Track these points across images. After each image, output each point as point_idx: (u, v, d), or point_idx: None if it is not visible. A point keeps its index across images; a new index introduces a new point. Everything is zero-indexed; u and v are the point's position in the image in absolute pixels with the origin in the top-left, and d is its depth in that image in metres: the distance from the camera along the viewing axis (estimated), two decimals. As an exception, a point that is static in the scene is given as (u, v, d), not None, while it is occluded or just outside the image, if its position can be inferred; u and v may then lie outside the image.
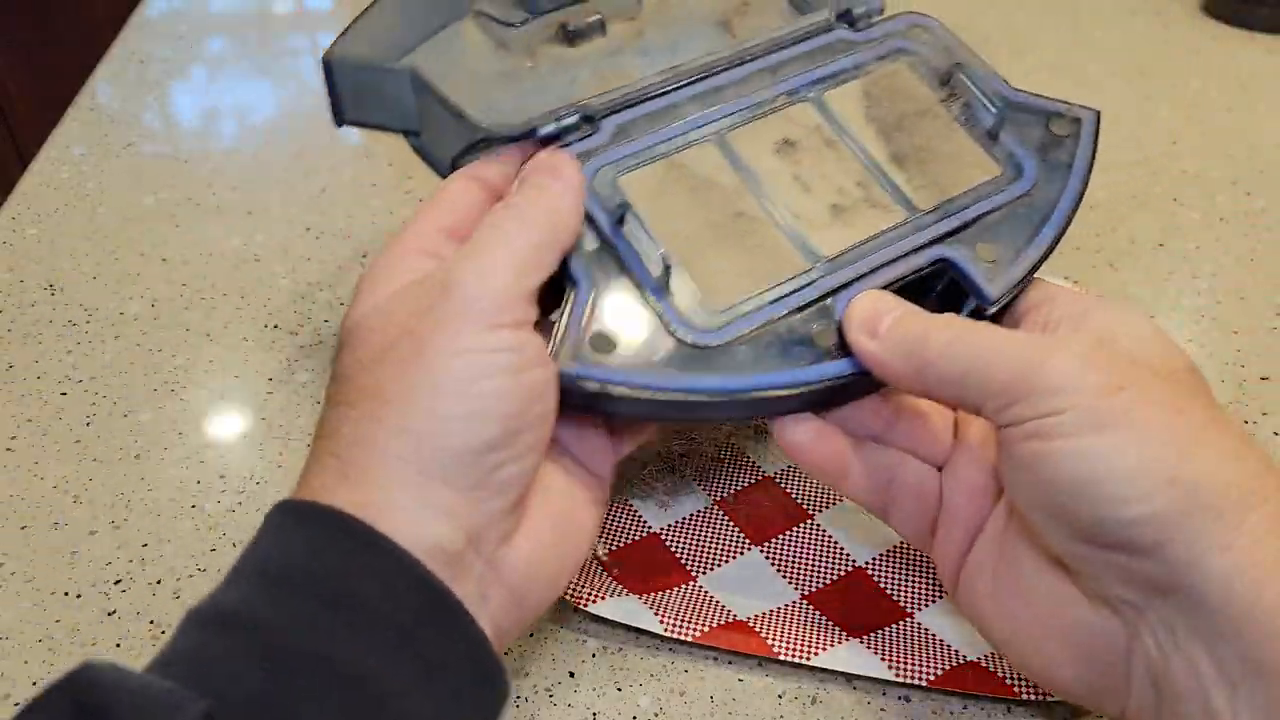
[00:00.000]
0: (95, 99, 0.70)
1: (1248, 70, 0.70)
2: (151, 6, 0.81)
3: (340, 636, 0.26)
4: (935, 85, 0.40)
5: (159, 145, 0.65)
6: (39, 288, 0.53)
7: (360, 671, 0.26)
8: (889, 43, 0.41)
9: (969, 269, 0.35)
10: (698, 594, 0.38)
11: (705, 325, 0.34)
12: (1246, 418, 0.45)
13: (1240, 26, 0.75)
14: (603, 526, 0.40)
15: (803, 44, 0.40)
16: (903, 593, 0.38)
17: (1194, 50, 0.72)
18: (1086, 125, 0.39)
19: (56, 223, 0.58)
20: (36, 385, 0.47)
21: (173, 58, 0.74)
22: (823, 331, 0.34)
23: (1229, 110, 0.66)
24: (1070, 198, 0.37)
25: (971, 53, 0.41)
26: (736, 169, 0.37)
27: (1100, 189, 0.59)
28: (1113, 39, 0.74)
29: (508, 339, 0.29)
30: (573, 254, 0.34)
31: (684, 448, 0.43)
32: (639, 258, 0.34)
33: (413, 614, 0.27)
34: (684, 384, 0.32)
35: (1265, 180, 0.60)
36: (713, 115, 0.38)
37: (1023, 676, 0.34)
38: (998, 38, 0.75)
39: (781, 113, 0.38)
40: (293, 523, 0.28)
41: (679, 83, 0.38)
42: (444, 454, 0.28)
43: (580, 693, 0.36)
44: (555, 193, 0.33)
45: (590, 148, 0.36)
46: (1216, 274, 0.53)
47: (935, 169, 0.38)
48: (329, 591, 0.26)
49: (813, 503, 0.42)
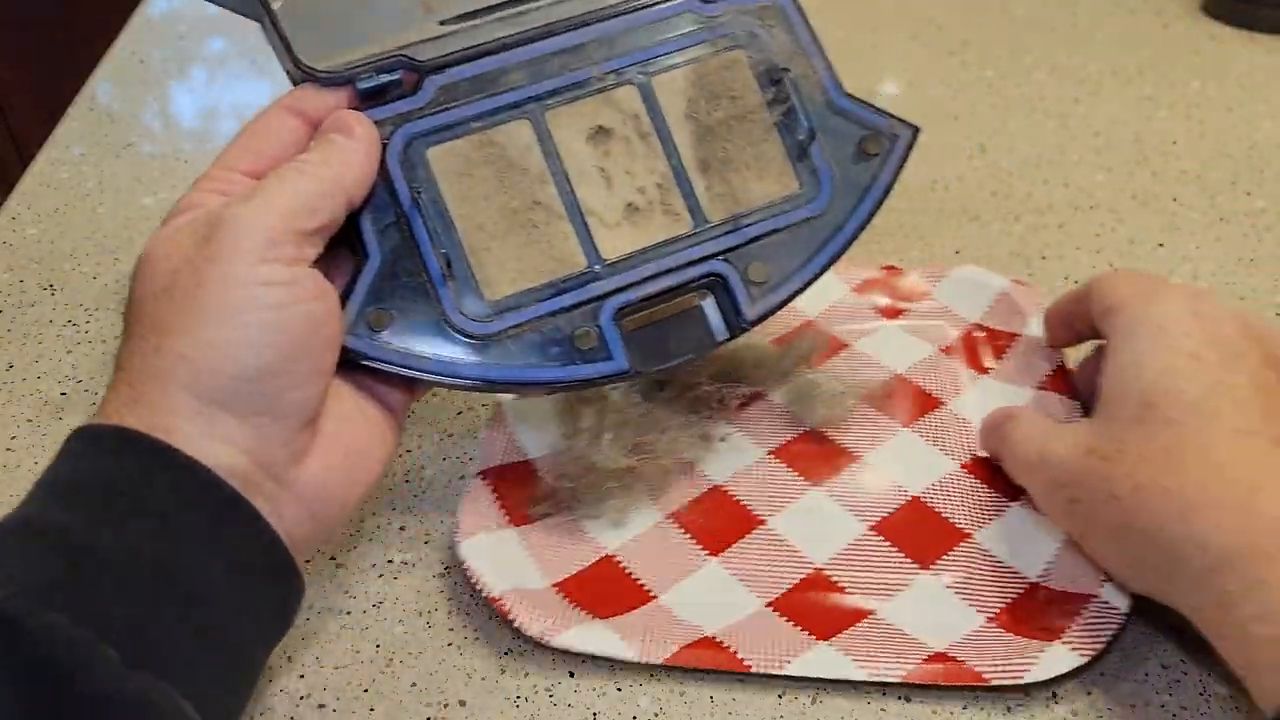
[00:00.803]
0: (95, 99, 0.70)
1: (1248, 70, 0.70)
2: (151, 6, 0.81)
3: (143, 535, 0.28)
4: (765, 84, 0.39)
5: (159, 145, 0.65)
6: (39, 288, 0.53)
7: (164, 564, 0.28)
8: (735, 25, 0.40)
9: (735, 288, 0.38)
10: (662, 614, 0.37)
11: (478, 314, 0.36)
12: (1246, 418, 0.45)
13: (1240, 26, 0.75)
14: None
15: (649, 11, 0.39)
16: (860, 589, 0.38)
17: (1194, 50, 0.72)
18: (898, 145, 0.40)
19: (56, 223, 0.58)
20: (36, 385, 0.48)
21: (173, 58, 0.74)
22: (583, 334, 0.36)
23: (1229, 110, 0.66)
24: (856, 223, 0.39)
25: (816, 46, 0.40)
26: (545, 153, 0.38)
27: (1100, 189, 0.59)
28: (1113, 39, 0.74)
29: (280, 273, 0.31)
30: (368, 224, 0.35)
31: (631, 461, 0.40)
32: (429, 240, 0.36)
33: (209, 517, 0.29)
34: (447, 370, 0.35)
35: (1265, 180, 0.60)
36: (537, 90, 0.38)
37: (995, 663, 0.34)
38: (997, 38, 0.75)
39: (606, 94, 0.38)
40: (87, 444, 0.30)
41: (516, 40, 0.38)
42: (221, 381, 0.30)
43: (580, 693, 0.36)
44: (344, 147, 0.34)
45: (407, 110, 0.36)
46: (1216, 274, 0.53)
47: (736, 180, 0.39)
48: (126, 499, 0.28)
49: (764, 508, 0.41)
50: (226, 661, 0.29)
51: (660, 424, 0.41)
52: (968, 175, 0.60)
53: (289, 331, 0.31)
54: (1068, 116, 0.65)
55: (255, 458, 0.30)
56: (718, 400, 0.43)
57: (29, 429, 0.45)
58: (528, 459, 0.42)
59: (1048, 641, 0.34)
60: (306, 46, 0.36)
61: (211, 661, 0.28)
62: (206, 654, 0.28)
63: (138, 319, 0.31)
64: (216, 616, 0.28)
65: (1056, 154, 0.62)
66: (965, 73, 0.71)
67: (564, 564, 0.38)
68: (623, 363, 0.37)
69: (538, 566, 0.38)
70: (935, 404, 0.44)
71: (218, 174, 0.34)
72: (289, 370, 0.31)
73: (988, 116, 0.66)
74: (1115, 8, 0.78)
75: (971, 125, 0.65)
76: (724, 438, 0.43)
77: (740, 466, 0.42)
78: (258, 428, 0.30)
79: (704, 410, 0.43)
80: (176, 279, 0.30)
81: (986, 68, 0.71)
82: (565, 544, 0.39)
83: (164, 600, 0.27)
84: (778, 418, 0.44)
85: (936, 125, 0.64)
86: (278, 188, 0.32)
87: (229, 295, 0.30)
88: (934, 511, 0.40)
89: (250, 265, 0.30)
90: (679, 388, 0.43)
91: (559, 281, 0.37)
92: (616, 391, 0.42)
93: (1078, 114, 0.66)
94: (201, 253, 0.30)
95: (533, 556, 0.38)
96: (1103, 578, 0.36)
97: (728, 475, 0.42)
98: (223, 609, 0.29)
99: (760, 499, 0.41)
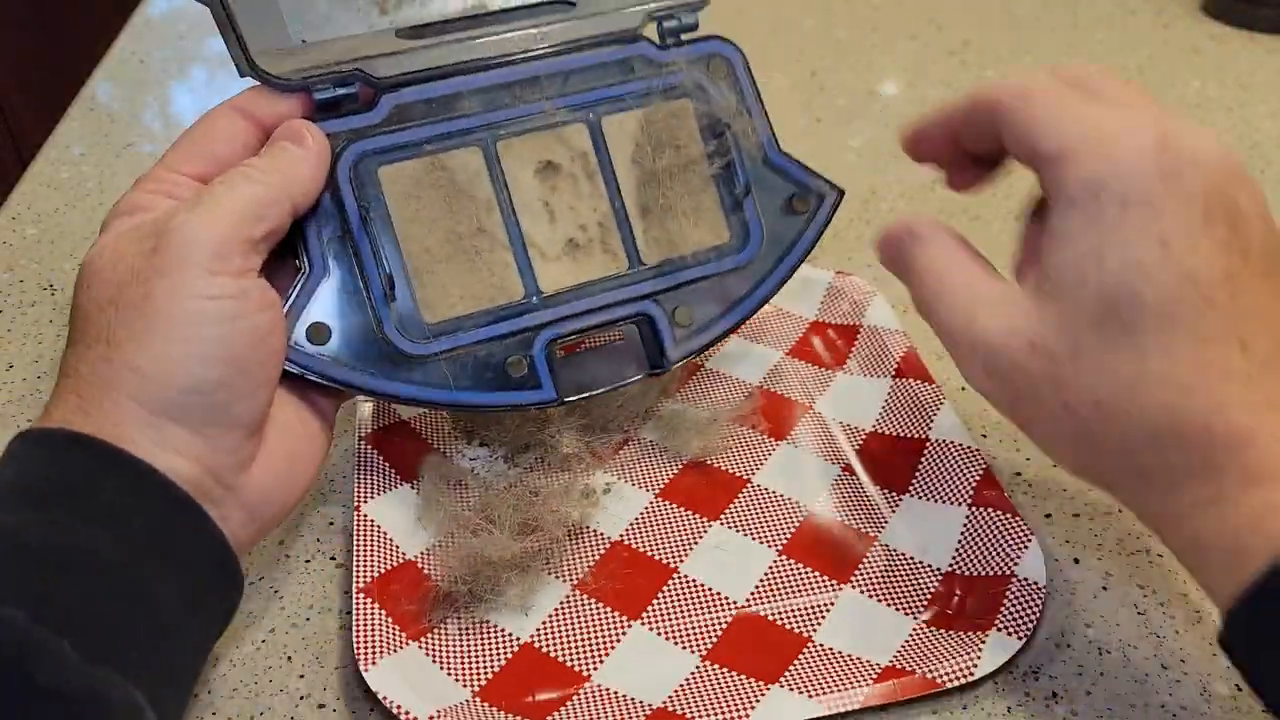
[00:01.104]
0: (95, 99, 0.70)
1: (1248, 70, 0.70)
2: (152, 6, 0.81)
3: (96, 535, 0.28)
4: (708, 136, 0.41)
5: (159, 145, 0.65)
6: (39, 288, 0.53)
7: (117, 564, 0.28)
8: (685, 73, 0.41)
9: (662, 329, 0.40)
10: (600, 695, 0.34)
11: (415, 335, 0.37)
12: (1246, 418, 0.45)
13: (1240, 26, 0.75)
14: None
15: (604, 50, 0.40)
16: (790, 619, 0.37)
17: (1194, 50, 0.72)
18: (824, 205, 0.42)
19: (56, 223, 0.58)
20: (36, 385, 0.48)
21: (173, 58, 0.74)
22: (515, 362, 0.38)
23: (1229, 110, 0.66)
24: (779, 276, 0.42)
25: (758, 102, 0.42)
26: (494, 182, 0.38)
27: (1100, 189, 0.59)
28: (1113, 39, 0.74)
29: (227, 285, 0.31)
30: (313, 235, 0.36)
31: (524, 543, 0.38)
32: (373, 259, 0.36)
33: (159, 517, 0.29)
34: (379, 387, 0.36)
35: (1265, 180, 0.60)
36: (490, 118, 0.38)
37: (944, 666, 0.33)
38: (997, 38, 0.75)
39: (557, 130, 0.39)
40: (34, 446, 0.30)
41: (473, 65, 0.38)
42: (171, 394, 0.30)
43: (580, 693, 0.36)
44: (293, 156, 0.34)
45: (361, 126, 0.37)
46: (1216, 274, 0.53)
47: (673, 226, 0.40)
48: (76, 499, 0.28)
49: (671, 555, 0.39)
50: (177, 659, 0.29)
51: (540, 494, 0.40)
52: (968, 175, 0.60)
53: (237, 345, 0.31)
54: (1068, 116, 0.65)
55: (205, 466, 0.31)
56: (590, 453, 0.42)
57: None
58: (407, 559, 0.38)
59: (984, 632, 0.34)
60: (258, 37, 0.35)
61: (163, 659, 0.28)
62: (158, 651, 0.28)
63: (84, 328, 0.31)
64: (167, 616, 0.29)
65: (1056, 154, 0.62)
66: (965, 73, 0.71)
67: (481, 667, 0.35)
68: (550, 392, 0.38)
69: (453, 678, 0.35)
70: (804, 409, 0.45)
71: (161, 174, 0.34)
72: (237, 382, 0.31)
73: (988, 116, 0.66)
74: (1115, 8, 0.78)
75: (971, 125, 0.65)
76: (607, 488, 0.42)
77: (632, 516, 0.40)
78: (208, 438, 0.31)
79: (578, 465, 0.42)
80: (123, 290, 0.30)
81: (986, 68, 0.71)
82: (475, 645, 0.36)
83: (119, 598, 0.27)
84: (655, 456, 0.43)
85: (936, 125, 0.63)
86: (226, 195, 0.32)
87: (178, 309, 0.30)
88: (837, 521, 0.40)
89: (198, 278, 0.30)
90: (543, 448, 0.42)
91: (497, 309, 0.38)
92: (483, 466, 0.42)
93: (1078, 114, 0.66)
94: (149, 264, 0.30)
95: (444, 669, 0.35)
96: (1014, 555, 0.36)
97: (623, 528, 0.40)
98: (173, 608, 0.29)
99: (664, 547, 0.39)
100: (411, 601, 0.37)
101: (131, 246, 0.31)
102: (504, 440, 0.43)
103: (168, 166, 0.34)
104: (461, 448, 0.43)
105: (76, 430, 0.29)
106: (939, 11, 0.78)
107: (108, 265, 0.31)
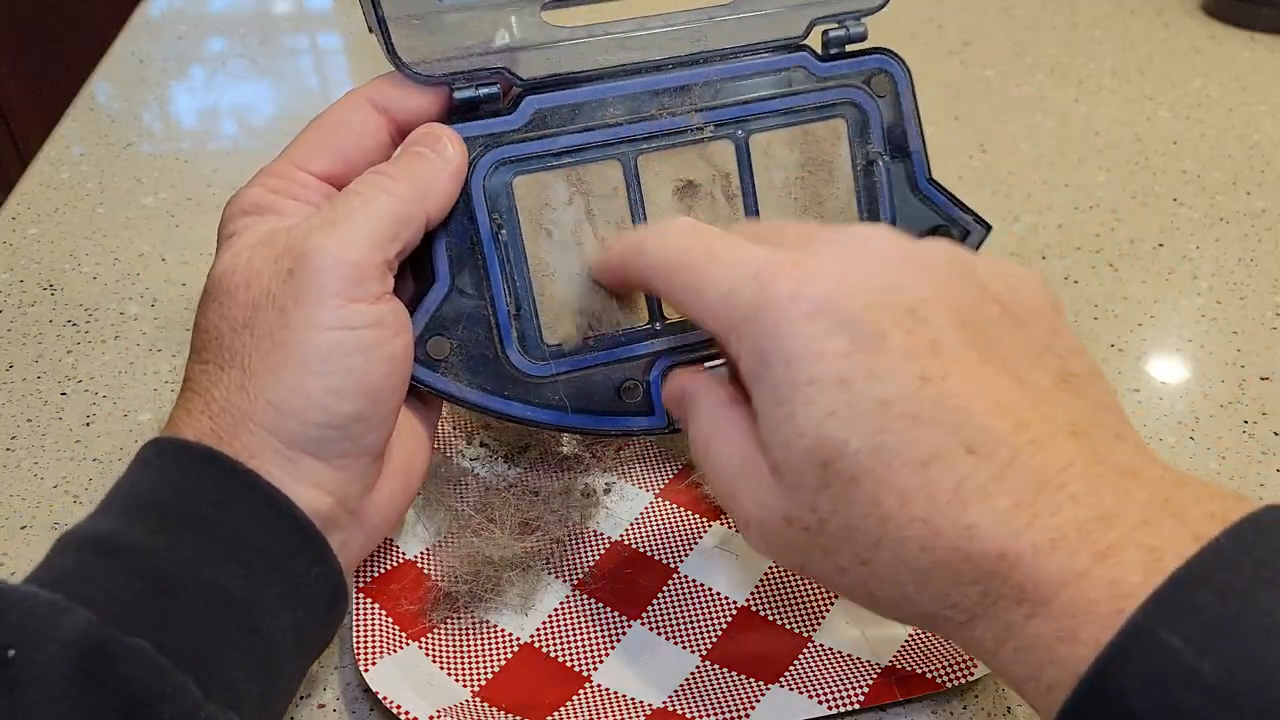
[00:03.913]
0: (95, 99, 0.70)
1: (1248, 70, 0.70)
2: (151, 6, 0.81)
3: (210, 560, 0.27)
4: (858, 159, 0.38)
5: (159, 145, 0.65)
6: (39, 288, 0.53)
7: (238, 598, 0.27)
8: (843, 90, 0.38)
9: None
10: (600, 695, 0.34)
11: (534, 355, 0.36)
12: (1246, 418, 0.45)
13: (1240, 26, 0.75)
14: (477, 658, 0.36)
15: (761, 59, 0.37)
16: (790, 619, 0.37)
17: (1194, 50, 0.72)
18: (969, 241, 0.39)
19: (56, 223, 0.58)
20: (36, 385, 0.47)
21: (173, 58, 0.74)
22: (631, 387, 0.37)
23: (1229, 110, 0.66)
24: None
25: (917, 126, 0.39)
26: (630, 201, 0.36)
27: (1100, 189, 0.59)
28: (1113, 39, 0.74)
29: (366, 314, 0.30)
30: (441, 247, 0.34)
31: (525, 544, 0.38)
32: (500, 277, 0.35)
33: (285, 549, 0.29)
34: (493, 405, 0.35)
35: (1265, 180, 0.60)
36: (634, 131, 0.36)
37: (944, 666, 0.34)
38: (997, 38, 0.75)
39: (701, 147, 0.37)
40: (166, 458, 0.29)
41: (621, 70, 0.36)
42: (308, 429, 0.29)
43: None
44: (431, 166, 0.32)
45: (500, 130, 0.35)
46: (1216, 274, 0.53)
47: None
48: (199, 519, 0.28)
49: (670, 555, 0.39)
50: (281, 692, 0.29)
51: (540, 494, 0.40)
52: (968, 175, 0.60)
53: (374, 374, 0.30)
54: (1068, 116, 0.65)
55: (336, 497, 0.30)
56: (590, 455, 0.42)
57: (29, 429, 0.45)
58: (407, 559, 0.38)
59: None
60: (396, 7, 0.32)
61: (270, 693, 0.28)
62: (266, 686, 0.28)
63: (216, 348, 0.30)
64: (279, 654, 0.28)
65: (1056, 154, 0.62)
66: (965, 73, 0.71)
67: (481, 667, 0.35)
68: (662, 420, 0.37)
69: (453, 678, 0.35)
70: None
71: (287, 171, 0.32)
72: (371, 413, 0.30)
73: (988, 116, 0.66)
74: (1115, 8, 0.78)
75: (971, 125, 0.65)
76: (607, 488, 0.41)
77: (632, 516, 0.40)
78: (339, 469, 0.30)
79: (578, 465, 0.42)
80: (259, 314, 0.29)
81: (986, 68, 0.71)
82: (475, 645, 0.36)
83: (235, 632, 0.27)
84: (655, 456, 0.43)
85: (936, 125, 0.64)
86: (362, 210, 0.30)
87: (317, 340, 0.29)
88: None
89: (337, 308, 0.29)
90: (543, 448, 0.42)
91: (620, 333, 0.36)
92: (483, 466, 0.42)
93: (1078, 114, 0.66)
94: (285, 289, 0.29)
95: (445, 669, 0.35)
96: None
97: (623, 528, 0.40)
98: (285, 646, 0.28)
99: (664, 547, 0.39)
100: (411, 601, 0.37)
101: (266, 267, 0.30)
102: (504, 440, 0.43)
103: (293, 162, 0.32)
104: (461, 448, 0.43)
105: (204, 443, 0.29)
106: (939, 11, 0.78)
107: (241, 285, 0.30)
